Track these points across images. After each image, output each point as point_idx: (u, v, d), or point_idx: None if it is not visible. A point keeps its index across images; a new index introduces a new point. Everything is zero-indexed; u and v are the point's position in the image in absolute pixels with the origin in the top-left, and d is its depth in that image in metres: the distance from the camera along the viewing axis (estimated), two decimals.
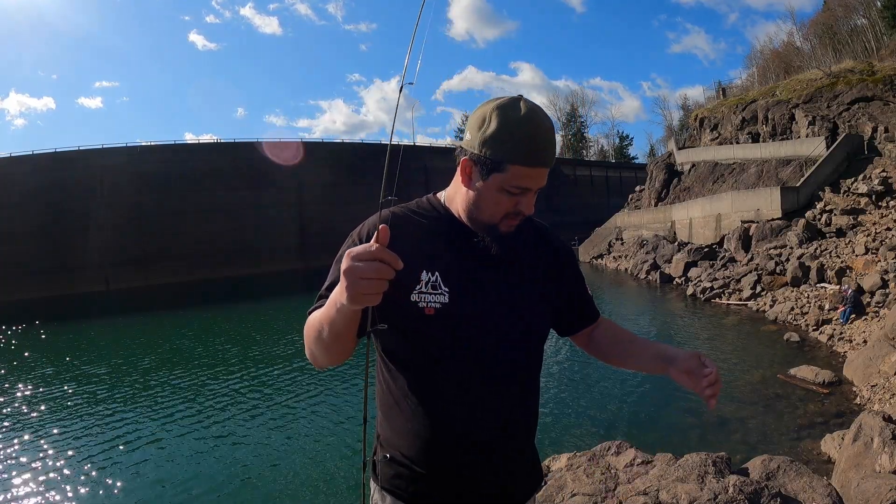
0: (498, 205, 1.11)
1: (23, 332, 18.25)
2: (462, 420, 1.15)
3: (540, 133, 1.07)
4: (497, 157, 1.06)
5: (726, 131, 28.81)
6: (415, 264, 1.11)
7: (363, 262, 0.86)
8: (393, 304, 1.05)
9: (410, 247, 1.10)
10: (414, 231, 1.18)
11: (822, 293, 13.74)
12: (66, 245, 29.11)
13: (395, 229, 0.93)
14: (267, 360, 12.99)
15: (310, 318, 1.15)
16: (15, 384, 11.78)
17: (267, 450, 7.66)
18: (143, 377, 11.97)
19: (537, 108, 1.09)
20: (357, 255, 0.87)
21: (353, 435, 7.85)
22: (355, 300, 0.89)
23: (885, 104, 20.43)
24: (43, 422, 9.27)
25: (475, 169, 1.10)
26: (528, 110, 1.07)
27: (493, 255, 1.17)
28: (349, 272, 0.87)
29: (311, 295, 1.21)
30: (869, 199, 17.27)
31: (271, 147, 36.57)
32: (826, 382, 8.65)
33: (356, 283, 0.87)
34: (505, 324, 1.17)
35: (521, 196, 1.10)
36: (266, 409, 9.42)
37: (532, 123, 1.06)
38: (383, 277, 0.87)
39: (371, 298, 0.89)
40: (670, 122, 60.36)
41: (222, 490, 6.58)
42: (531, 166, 1.07)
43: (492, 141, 1.06)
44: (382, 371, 1.26)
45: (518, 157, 1.06)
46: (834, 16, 32.93)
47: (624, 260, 26.84)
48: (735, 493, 2.65)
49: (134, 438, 8.35)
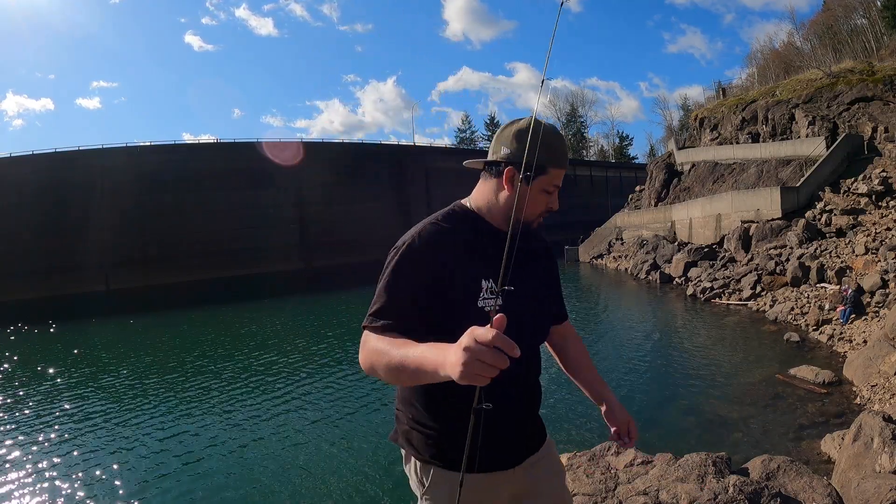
0: (539, 204, 1.36)
1: (23, 332, 18.25)
2: (505, 397, 1.31)
3: (563, 141, 1.37)
4: (541, 163, 1.28)
5: (726, 131, 28.81)
6: (474, 273, 1.30)
7: (485, 346, 0.89)
8: (462, 310, 1.23)
9: (466, 258, 1.31)
10: (464, 242, 1.34)
11: (822, 293, 13.74)
12: (66, 245, 29.05)
13: (444, 243, 1.22)
14: (267, 359, 12.99)
15: (380, 346, 1.19)
16: (15, 384, 11.78)
17: (271, 450, 7.66)
18: (142, 377, 11.96)
19: (551, 124, 1.38)
20: (481, 337, 0.90)
21: (352, 429, 7.85)
22: (465, 379, 0.92)
23: (885, 104, 20.43)
24: (43, 422, 9.27)
25: (518, 175, 1.29)
26: (551, 126, 1.36)
27: (522, 255, 1.38)
28: (470, 352, 0.90)
29: (312, 295, 1.22)
30: (869, 199, 17.27)
31: (271, 147, 36.54)
32: (826, 382, 8.65)
33: (472, 364, 0.90)
34: (537, 314, 1.45)
35: (552, 195, 1.37)
36: (268, 409, 9.43)
37: (558, 135, 1.36)
38: (499, 367, 0.90)
39: (481, 380, 0.92)
40: (670, 122, 60.40)
41: (222, 489, 6.58)
42: (563, 167, 1.36)
43: (533, 150, 1.24)
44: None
45: (554, 161, 1.33)
46: (834, 16, 32.95)
47: (624, 260, 26.84)
48: (735, 493, 2.65)
49: (133, 438, 8.35)
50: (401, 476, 6.82)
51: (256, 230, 34.58)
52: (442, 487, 1.38)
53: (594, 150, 72.66)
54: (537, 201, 1.35)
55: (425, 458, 1.40)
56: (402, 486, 6.36)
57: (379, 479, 6.55)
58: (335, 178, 38.05)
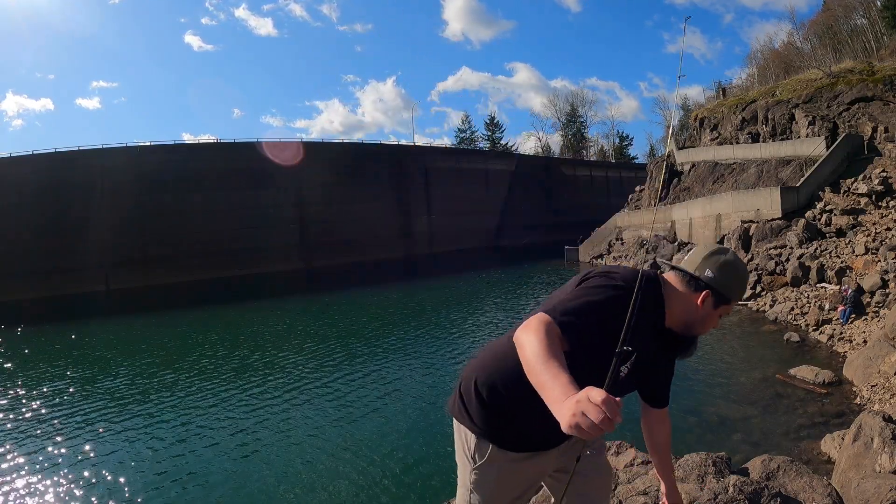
0: (712, 324, 1.63)
1: (23, 332, 18.25)
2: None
3: (748, 280, 1.72)
4: (733, 297, 1.60)
5: (726, 131, 28.80)
6: (637, 343, 1.47)
7: (603, 413, 0.95)
8: (607, 360, 1.32)
9: (638, 326, 1.44)
10: (644, 318, 1.50)
11: (822, 293, 13.74)
12: (66, 245, 29.04)
13: (621, 311, 1.39)
14: (267, 360, 12.99)
15: (545, 342, 1.27)
16: (15, 384, 11.78)
17: (272, 450, 7.66)
18: (142, 377, 11.96)
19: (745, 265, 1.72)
20: (605, 404, 0.96)
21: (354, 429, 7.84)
22: (570, 430, 0.99)
23: (885, 104, 20.42)
24: (43, 422, 9.26)
25: (711, 299, 1.57)
26: (745, 264, 1.68)
27: (666, 341, 1.65)
28: (587, 411, 0.97)
29: (312, 295, 1.22)
30: (869, 199, 17.27)
31: (271, 147, 36.53)
32: (826, 382, 8.65)
33: (583, 421, 0.97)
34: (640, 383, 1.74)
35: (721, 318, 1.64)
36: (269, 409, 9.43)
37: (747, 275, 1.68)
38: (604, 430, 0.96)
39: (585, 434, 0.98)
40: (670, 122, 60.38)
41: (222, 490, 6.58)
42: (738, 300, 1.65)
43: (732, 286, 1.58)
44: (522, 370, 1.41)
45: (737, 297, 1.62)
46: (834, 16, 32.94)
47: (624, 260, 26.83)
48: (735, 493, 2.64)
49: (133, 438, 8.35)
50: (402, 476, 6.79)
51: (256, 230, 34.58)
52: (494, 463, 1.65)
53: (594, 150, 72.73)
54: (713, 322, 1.62)
55: (485, 435, 1.63)
56: (403, 486, 6.36)
57: (380, 478, 6.55)
58: (335, 178, 38.05)
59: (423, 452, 7.31)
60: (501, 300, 21.29)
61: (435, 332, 15.71)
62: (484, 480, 1.68)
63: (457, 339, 14.65)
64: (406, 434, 7.99)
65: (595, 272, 1.63)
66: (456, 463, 1.78)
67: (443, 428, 8.12)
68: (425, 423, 8.45)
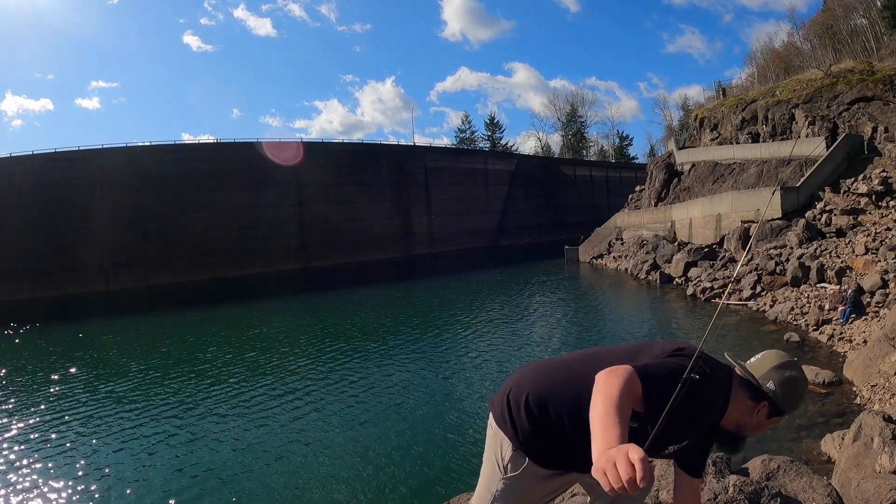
0: (762, 431, 1.73)
1: (23, 332, 18.24)
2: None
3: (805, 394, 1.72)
4: (787, 411, 1.66)
5: (726, 131, 28.80)
6: (687, 433, 1.64)
7: (632, 472, 1.00)
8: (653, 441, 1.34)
9: (693, 419, 1.58)
10: (709, 413, 1.66)
11: (822, 293, 13.74)
12: (66, 245, 29.01)
13: (695, 398, 1.49)
14: (267, 360, 12.99)
15: (622, 393, 1.36)
16: (15, 384, 11.78)
17: (272, 450, 7.66)
18: (142, 377, 11.96)
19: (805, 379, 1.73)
20: (639, 463, 1.01)
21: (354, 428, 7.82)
22: (597, 474, 1.05)
23: (885, 104, 20.42)
24: (43, 422, 9.26)
25: (766, 410, 1.65)
26: (806, 379, 1.70)
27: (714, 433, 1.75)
28: (620, 464, 1.02)
29: (311, 295, 1.22)
30: (869, 199, 17.27)
31: (271, 147, 36.50)
32: (826, 382, 8.64)
33: (612, 472, 1.02)
34: (670, 453, 1.75)
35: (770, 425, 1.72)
36: (269, 409, 9.43)
37: (806, 390, 1.70)
38: (627, 489, 1.00)
39: (605, 483, 1.03)
40: (670, 122, 60.39)
41: (223, 490, 6.57)
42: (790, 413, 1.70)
43: (789, 402, 1.65)
44: (582, 401, 1.50)
45: (790, 410, 1.68)
46: (834, 16, 32.92)
47: (624, 260, 26.83)
48: (735, 493, 2.64)
49: (133, 438, 8.34)
50: (403, 477, 6.77)
51: (256, 230, 34.54)
52: (525, 476, 1.72)
53: (594, 150, 72.70)
54: (762, 429, 1.71)
55: (523, 449, 1.70)
56: (405, 484, 6.36)
57: (381, 479, 6.55)
58: (335, 178, 38.03)
59: (424, 453, 7.30)
60: (502, 300, 21.29)
61: (435, 332, 15.71)
62: (511, 492, 1.73)
63: (457, 339, 14.65)
64: (406, 434, 7.99)
65: (690, 349, 1.67)
66: (482, 461, 1.82)
67: (444, 428, 8.12)
68: (426, 423, 8.45)
